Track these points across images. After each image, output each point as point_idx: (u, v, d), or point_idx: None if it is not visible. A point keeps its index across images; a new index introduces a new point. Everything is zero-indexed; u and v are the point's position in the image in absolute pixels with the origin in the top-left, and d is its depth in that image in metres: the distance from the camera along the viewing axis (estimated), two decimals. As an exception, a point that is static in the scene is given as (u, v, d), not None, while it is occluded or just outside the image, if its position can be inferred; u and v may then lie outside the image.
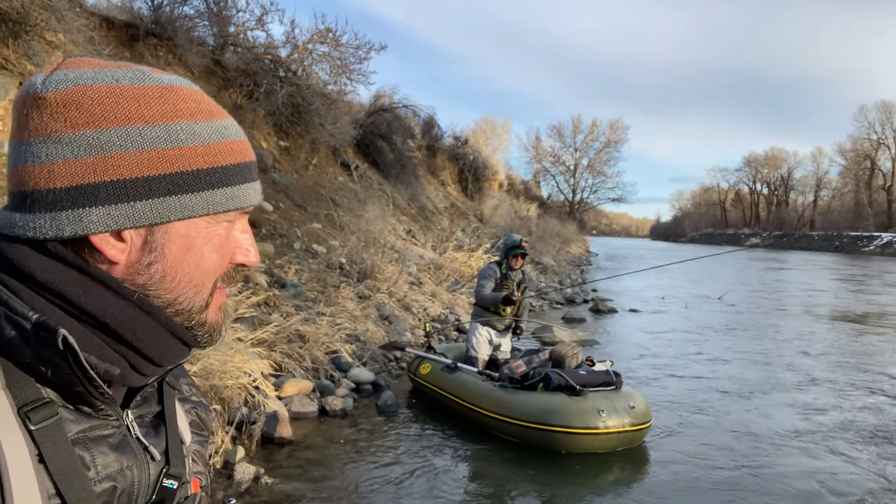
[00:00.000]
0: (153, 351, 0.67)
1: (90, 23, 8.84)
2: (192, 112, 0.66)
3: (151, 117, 0.63)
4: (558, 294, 16.62)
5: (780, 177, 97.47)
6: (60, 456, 0.61)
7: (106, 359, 0.64)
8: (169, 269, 0.66)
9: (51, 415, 0.62)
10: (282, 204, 11.67)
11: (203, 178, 0.66)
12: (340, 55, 14.72)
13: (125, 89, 0.63)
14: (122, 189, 0.62)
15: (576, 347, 5.80)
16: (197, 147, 0.66)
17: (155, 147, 0.63)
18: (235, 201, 0.68)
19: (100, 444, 0.66)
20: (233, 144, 0.69)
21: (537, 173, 75.31)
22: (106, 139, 0.62)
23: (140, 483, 0.69)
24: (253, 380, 5.49)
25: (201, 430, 0.86)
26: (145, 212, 0.63)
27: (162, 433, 0.75)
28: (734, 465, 5.27)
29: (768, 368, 9.04)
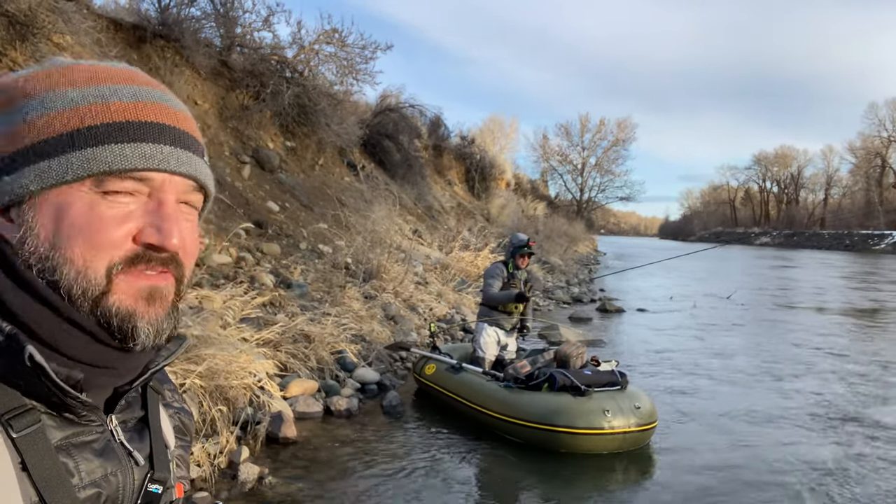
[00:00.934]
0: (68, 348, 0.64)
1: (97, 25, 8.90)
2: (72, 81, 0.64)
3: (32, 93, 0.64)
4: (565, 293, 16.58)
5: (790, 175, 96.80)
6: (43, 463, 0.61)
7: (65, 364, 0.64)
8: (42, 247, 0.62)
9: (33, 422, 0.61)
10: (288, 204, 11.69)
11: (64, 141, 0.62)
12: (346, 55, 14.76)
13: (23, 77, 0.65)
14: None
15: (581, 347, 5.78)
16: (65, 112, 0.63)
17: (27, 119, 0.63)
18: (99, 162, 0.62)
19: (83, 450, 0.65)
20: (119, 105, 0.64)
21: (545, 172, 75.16)
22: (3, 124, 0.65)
23: (125, 488, 0.68)
24: (258, 380, 5.50)
25: (184, 435, 0.86)
26: (11, 185, 0.63)
27: (146, 438, 0.75)
28: (742, 467, 5.23)
29: (778, 368, 8.97)
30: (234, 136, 12.65)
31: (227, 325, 6.01)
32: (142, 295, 0.64)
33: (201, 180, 0.69)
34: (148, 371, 0.73)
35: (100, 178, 0.62)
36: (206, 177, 0.70)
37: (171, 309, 0.68)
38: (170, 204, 0.65)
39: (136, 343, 0.65)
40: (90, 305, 0.63)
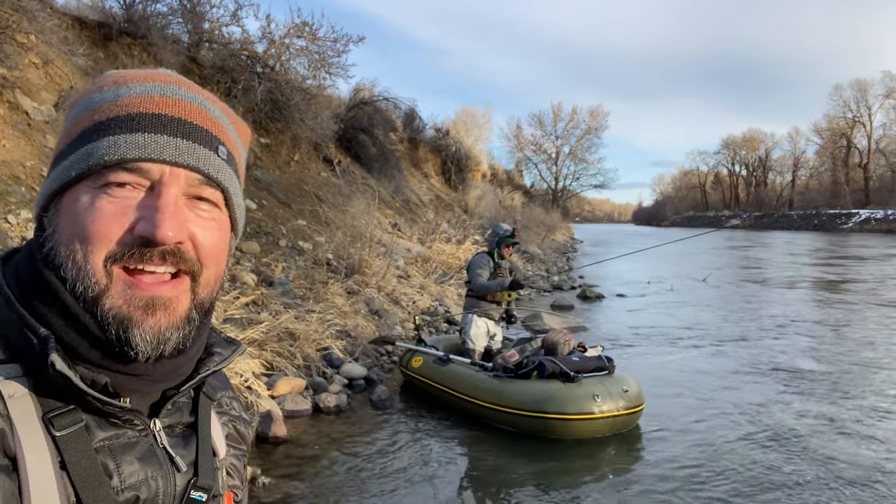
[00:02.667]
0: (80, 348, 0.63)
1: (62, 23, 8.66)
2: (101, 85, 0.68)
3: (74, 103, 0.70)
4: (545, 282, 16.68)
5: (758, 158, 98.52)
6: (83, 463, 0.61)
7: (91, 368, 0.64)
8: (58, 246, 0.63)
9: (75, 421, 0.62)
10: (265, 202, 11.56)
11: (76, 141, 0.65)
12: (318, 49, 14.60)
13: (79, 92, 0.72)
14: (49, 172, 0.69)
15: (568, 334, 5.82)
16: (85, 114, 0.66)
17: (65, 129, 0.68)
18: (94, 155, 0.62)
19: (125, 452, 0.65)
20: (126, 100, 0.65)
21: (519, 162, 75.38)
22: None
23: (165, 494, 0.68)
24: (245, 380, 5.45)
25: (239, 443, 0.84)
26: (44, 189, 0.67)
27: (192, 444, 0.73)
28: (726, 442, 5.33)
29: (755, 345, 9.15)
30: (207, 134, 12.45)
31: (211, 326, 5.94)
32: (138, 304, 0.63)
33: (205, 171, 0.66)
34: (197, 376, 0.72)
35: (101, 172, 0.62)
36: (214, 169, 0.67)
37: (184, 316, 0.66)
38: (168, 195, 0.63)
39: (134, 352, 0.63)
40: (90, 305, 0.62)
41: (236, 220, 0.73)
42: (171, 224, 0.62)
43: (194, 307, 0.67)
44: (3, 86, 7.27)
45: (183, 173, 0.64)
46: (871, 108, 76.01)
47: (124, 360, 0.64)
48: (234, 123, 0.74)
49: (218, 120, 0.70)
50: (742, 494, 4.38)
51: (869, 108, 76.44)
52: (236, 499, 0.81)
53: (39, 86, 8.11)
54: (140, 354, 0.63)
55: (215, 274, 0.69)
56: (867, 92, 76.52)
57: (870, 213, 63.88)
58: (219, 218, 0.69)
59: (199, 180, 0.66)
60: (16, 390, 0.60)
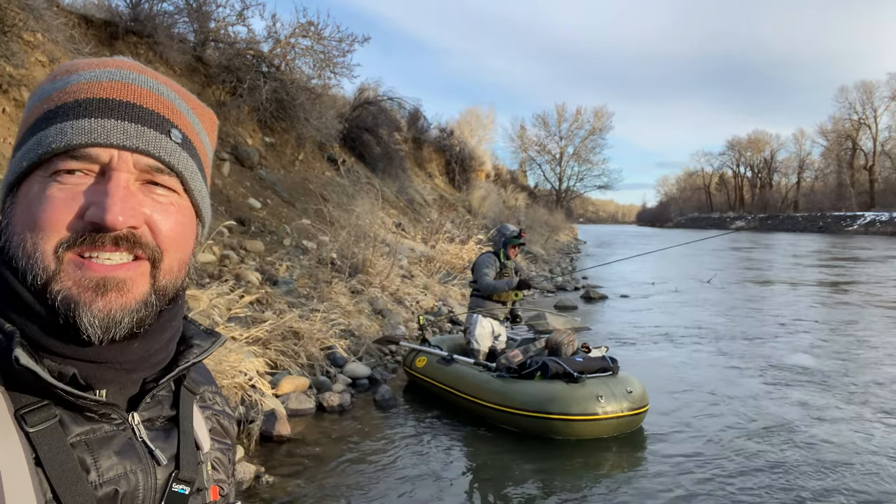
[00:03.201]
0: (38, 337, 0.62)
1: (69, 21, 8.69)
2: (54, 75, 0.68)
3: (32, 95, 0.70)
4: (549, 282, 16.67)
5: (764, 159, 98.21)
6: (58, 458, 0.60)
7: (56, 360, 0.63)
8: (10, 234, 0.63)
9: (49, 417, 0.61)
10: (269, 200, 11.58)
11: (28, 131, 0.65)
12: (323, 49, 14.61)
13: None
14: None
15: (571, 335, 5.82)
16: (39, 103, 0.66)
17: (22, 120, 0.69)
18: (43, 143, 0.62)
19: (102, 446, 0.64)
20: (74, 87, 0.64)
21: (523, 163, 75.39)
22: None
23: (145, 488, 0.67)
24: (249, 378, 5.45)
25: (223, 437, 0.84)
26: (3, 182, 0.67)
27: (173, 437, 0.72)
28: (731, 444, 5.31)
29: (760, 347, 9.13)
30: (212, 133, 12.47)
31: (215, 325, 5.94)
32: (88, 284, 0.61)
33: (156, 154, 0.64)
34: (177, 368, 0.71)
35: (50, 160, 0.62)
36: (165, 152, 0.65)
37: (140, 300, 0.64)
38: (117, 180, 0.62)
39: (85, 335, 0.61)
40: (41, 292, 0.61)
41: (199, 206, 0.71)
42: (121, 208, 0.61)
43: (154, 292, 0.65)
44: (9, 83, 7.29)
45: (132, 157, 0.63)
46: (877, 110, 75.80)
47: (79, 345, 0.62)
48: (196, 109, 0.73)
49: (172, 103, 0.68)
50: (747, 497, 4.37)
51: (874, 110, 76.20)
52: (222, 492, 0.80)
53: (46, 84, 8.13)
54: (91, 337, 0.61)
55: (178, 260, 0.67)
56: (873, 94, 76.29)
57: (875, 215, 63.62)
58: (178, 203, 0.67)
59: (150, 165, 0.64)
60: None
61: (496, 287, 6.45)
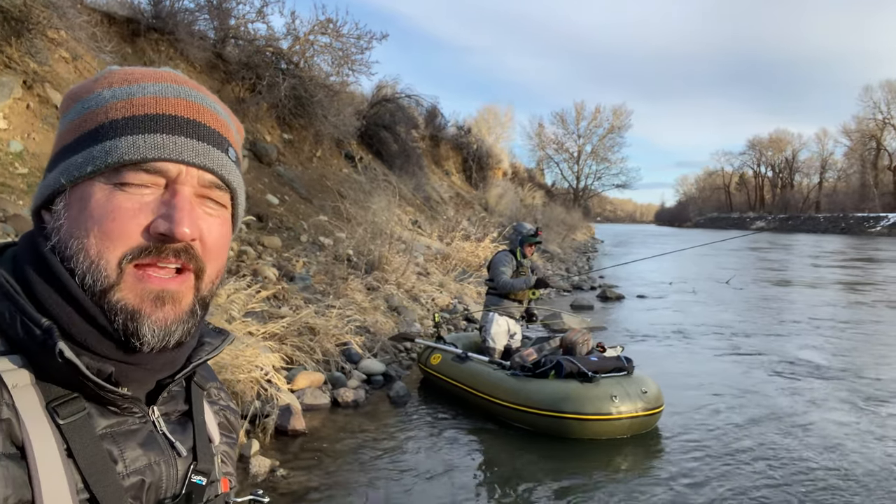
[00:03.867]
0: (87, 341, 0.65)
1: (91, 19, 8.81)
2: (110, 82, 0.69)
3: (79, 96, 0.70)
4: (565, 282, 16.60)
5: (785, 159, 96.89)
6: (89, 450, 0.62)
7: (96, 358, 0.65)
8: (66, 238, 0.64)
9: (79, 409, 0.63)
10: (287, 197, 11.66)
11: (90, 136, 0.66)
12: (342, 46, 14.67)
13: (79, 84, 0.72)
14: (51, 164, 0.70)
15: (586, 334, 5.79)
16: (97, 109, 0.67)
17: (71, 121, 0.69)
18: (114, 153, 0.64)
19: (127, 439, 0.66)
20: (141, 99, 0.66)
21: (541, 161, 75.06)
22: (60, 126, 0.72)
23: (168, 478, 0.70)
24: (265, 373, 5.50)
25: (230, 432, 0.87)
26: (50, 181, 0.68)
27: (189, 430, 0.75)
28: (747, 447, 5.26)
29: (778, 350, 9.02)
30: (231, 130, 12.59)
31: (232, 319, 6.00)
32: (148, 297, 0.65)
33: (219, 172, 0.68)
34: (190, 365, 0.73)
35: (117, 170, 0.64)
36: (226, 170, 0.69)
37: (188, 310, 0.68)
38: (184, 194, 0.65)
39: (140, 343, 0.65)
40: (98, 297, 0.64)
41: (237, 218, 0.76)
42: (188, 222, 0.64)
43: (197, 302, 0.69)
44: (33, 80, 7.42)
45: (197, 173, 0.66)
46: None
47: (129, 350, 0.66)
48: (235, 123, 0.77)
49: (226, 122, 0.73)
50: (763, 500, 4.33)
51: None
52: (232, 484, 0.83)
53: (69, 80, 8.27)
54: (146, 346, 0.65)
55: (217, 270, 0.71)
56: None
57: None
58: (222, 216, 0.71)
59: (211, 181, 0.68)
60: (19, 380, 0.60)
61: (514, 285, 6.44)
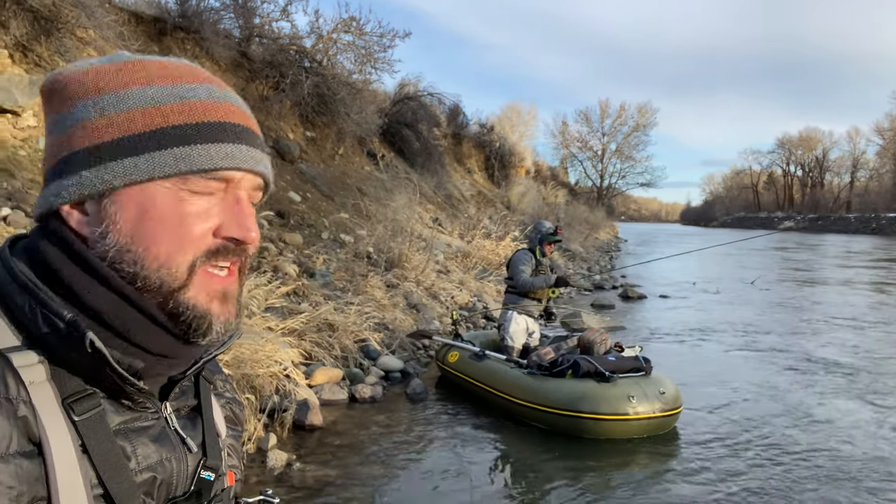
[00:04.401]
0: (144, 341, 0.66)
1: (119, 18, 8.98)
2: (148, 78, 0.65)
3: (106, 87, 0.64)
4: (586, 280, 16.50)
5: (815, 158, 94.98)
6: (103, 446, 0.62)
7: (127, 353, 0.65)
8: (124, 240, 0.64)
9: (94, 406, 0.63)
10: (309, 194, 11.76)
11: (148, 139, 0.63)
12: (365, 44, 14.74)
13: (91, 70, 0.65)
14: (75, 160, 0.64)
15: (604, 333, 5.76)
16: (147, 109, 0.63)
17: (104, 114, 0.63)
18: (188, 162, 0.64)
19: (140, 435, 0.67)
20: (197, 104, 0.65)
21: (564, 159, 74.57)
22: (69, 113, 0.65)
23: (179, 474, 0.70)
24: (284, 368, 5.57)
25: (235, 425, 0.88)
26: (91, 179, 0.63)
27: (199, 426, 0.76)
28: (768, 449, 5.18)
29: (804, 355, 8.86)
30: (255, 127, 12.72)
31: (252, 315, 6.08)
32: (216, 296, 0.67)
33: (268, 178, 0.71)
34: (201, 360, 0.74)
35: (184, 176, 0.64)
36: (270, 175, 0.72)
37: (238, 306, 0.71)
38: (245, 200, 0.68)
39: (206, 338, 0.67)
40: (164, 298, 0.65)
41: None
42: (255, 227, 0.68)
43: (240, 297, 0.72)
44: (63, 79, 7.57)
45: (251, 178, 0.68)
46: (939, 107, 72.37)
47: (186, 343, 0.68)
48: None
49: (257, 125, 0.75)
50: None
51: (936, 107, 72.74)
52: (237, 477, 0.84)
53: (97, 79, 8.42)
54: (209, 341, 0.68)
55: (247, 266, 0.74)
56: (935, 90, 72.81)
57: (934, 217, 60.84)
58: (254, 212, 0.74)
59: (258, 184, 0.70)
60: (36, 376, 0.61)
61: (533, 284, 6.42)
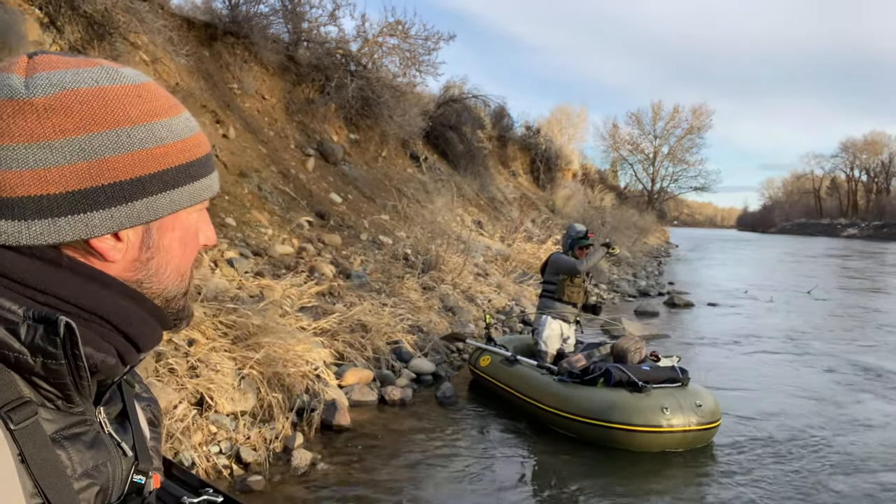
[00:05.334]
0: (143, 338, 0.69)
1: (170, 23, 9.28)
2: (165, 109, 0.69)
3: (136, 118, 0.65)
4: (631, 286, 16.14)
5: (881, 163, 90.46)
6: (41, 455, 0.62)
7: (100, 349, 0.65)
8: (162, 262, 0.70)
9: (30, 414, 0.62)
10: (350, 195, 11.89)
11: (186, 171, 0.69)
12: (409, 47, 14.82)
13: (107, 90, 0.64)
14: (119, 191, 0.64)
15: (639, 342, 5.59)
16: (177, 143, 0.69)
17: (143, 147, 0.65)
18: (209, 190, 0.73)
19: (75, 441, 0.66)
20: (199, 136, 0.73)
21: (614, 162, 73.26)
22: (98, 143, 0.63)
23: (115, 479, 0.70)
24: (314, 368, 5.61)
25: (156, 427, 0.87)
26: (143, 210, 0.66)
27: (128, 430, 0.76)
28: (809, 475, 4.92)
29: (861, 372, 8.41)
30: (300, 130, 12.95)
31: (285, 314, 6.16)
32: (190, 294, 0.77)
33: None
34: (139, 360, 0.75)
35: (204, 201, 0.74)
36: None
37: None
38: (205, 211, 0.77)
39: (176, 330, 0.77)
40: (168, 300, 0.72)
41: None
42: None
43: None
44: (114, 82, 7.86)
45: None
46: None
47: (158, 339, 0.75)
48: None
49: None
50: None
51: None
52: (161, 480, 0.83)
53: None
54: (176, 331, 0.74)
55: None
56: None
57: None
58: None
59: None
60: None
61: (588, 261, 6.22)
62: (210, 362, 4.86)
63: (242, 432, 4.62)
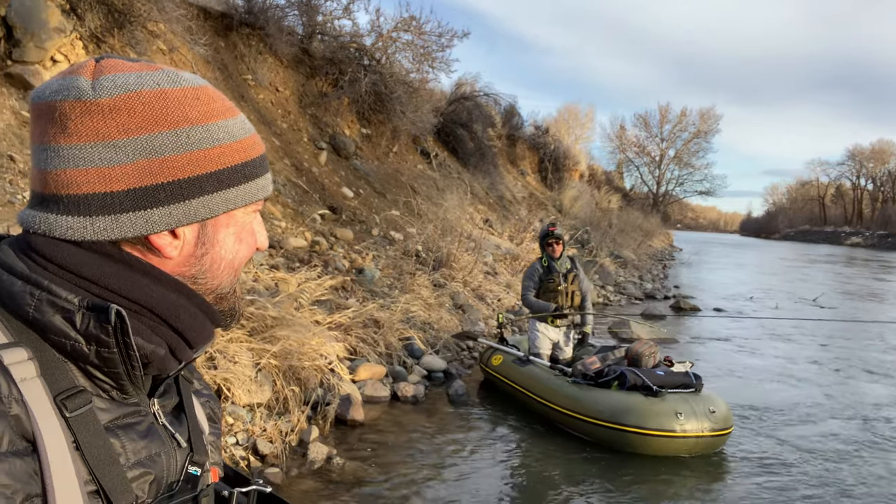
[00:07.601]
0: (192, 333, 0.71)
1: (188, 13, 9.28)
2: (222, 111, 0.70)
3: (194, 119, 0.67)
4: (637, 289, 16.14)
5: (888, 171, 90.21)
6: (95, 443, 0.63)
7: (151, 341, 0.67)
8: (216, 259, 0.72)
9: (85, 402, 0.64)
10: (362, 190, 11.90)
11: (241, 171, 0.71)
12: (423, 43, 14.80)
13: (168, 93, 0.67)
14: (178, 189, 0.67)
15: (653, 346, 5.60)
16: (232, 144, 0.70)
17: (200, 147, 0.68)
18: (264, 191, 0.75)
19: (129, 431, 0.68)
20: (254, 137, 0.74)
21: (620, 164, 73.09)
22: (159, 143, 0.65)
23: (169, 469, 0.71)
24: (329, 362, 5.63)
25: (215, 422, 0.89)
26: (199, 208, 0.68)
27: (184, 422, 0.78)
28: (819, 481, 4.94)
29: (864, 381, 8.42)
30: (313, 123, 12.96)
31: (300, 307, 6.18)
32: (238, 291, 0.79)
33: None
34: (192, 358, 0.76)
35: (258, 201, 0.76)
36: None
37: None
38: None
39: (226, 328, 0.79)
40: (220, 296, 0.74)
41: None
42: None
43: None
44: (133, 71, 7.87)
45: None
46: None
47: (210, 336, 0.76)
48: None
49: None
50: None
51: None
52: (220, 474, 0.85)
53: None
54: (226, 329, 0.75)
55: None
56: None
57: None
58: None
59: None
60: (27, 373, 0.61)
61: (533, 306, 6.24)
62: (228, 353, 4.89)
63: (259, 424, 4.64)
